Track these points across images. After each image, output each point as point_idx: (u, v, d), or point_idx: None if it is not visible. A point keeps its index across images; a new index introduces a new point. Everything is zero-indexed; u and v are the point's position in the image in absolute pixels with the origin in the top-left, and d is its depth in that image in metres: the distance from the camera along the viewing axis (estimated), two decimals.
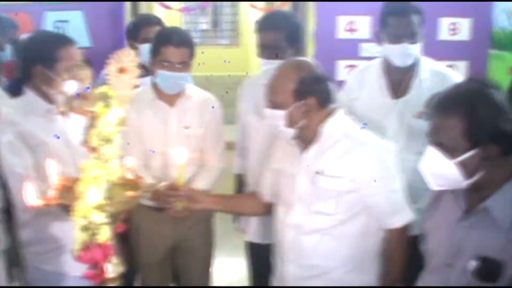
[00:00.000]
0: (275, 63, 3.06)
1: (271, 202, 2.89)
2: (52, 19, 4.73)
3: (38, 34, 3.06)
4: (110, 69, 1.75)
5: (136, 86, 1.81)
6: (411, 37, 3.14)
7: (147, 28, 4.10)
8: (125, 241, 3.15)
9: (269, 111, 2.61)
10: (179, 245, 3.39)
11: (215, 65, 10.43)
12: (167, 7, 5.38)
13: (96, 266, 1.74)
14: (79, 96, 1.79)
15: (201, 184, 3.21)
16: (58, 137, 2.64)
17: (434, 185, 2.21)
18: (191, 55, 3.17)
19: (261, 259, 3.25)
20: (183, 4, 9.84)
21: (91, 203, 1.67)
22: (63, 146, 2.69)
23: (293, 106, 2.53)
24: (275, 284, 2.87)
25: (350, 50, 4.81)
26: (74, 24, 4.75)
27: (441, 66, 3.41)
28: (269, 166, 2.90)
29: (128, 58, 1.74)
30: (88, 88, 1.79)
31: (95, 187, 1.68)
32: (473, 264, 2.07)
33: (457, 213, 2.20)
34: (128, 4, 5.04)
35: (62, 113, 2.73)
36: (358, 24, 4.80)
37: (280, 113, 2.55)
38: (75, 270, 2.76)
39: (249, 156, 3.42)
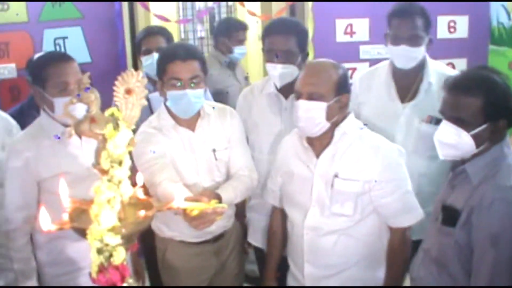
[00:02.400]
0: (286, 68, 3.09)
1: (280, 207, 2.98)
2: (51, 37, 4.72)
3: (38, 56, 3.02)
4: (117, 90, 1.75)
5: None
6: (412, 40, 3.14)
7: (147, 39, 4.04)
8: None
9: (306, 103, 2.63)
10: (217, 275, 3.20)
11: None
12: (166, 20, 5.36)
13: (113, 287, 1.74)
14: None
15: (230, 195, 2.87)
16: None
17: (443, 155, 2.53)
18: (203, 68, 2.91)
19: None
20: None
21: (106, 225, 1.67)
22: (78, 168, 2.68)
23: (334, 100, 2.63)
24: (291, 283, 2.95)
25: (350, 53, 4.81)
26: (73, 40, 4.74)
27: (447, 68, 3.43)
28: (278, 170, 2.93)
29: (135, 79, 1.75)
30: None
31: (108, 209, 1.68)
32: (440, 213, 2.51)
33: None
34: (126, 18, 5.03)
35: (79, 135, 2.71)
36: (356, 27, 4.80)
37: (321, 105, 2.62)
38: None
39: None
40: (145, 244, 3.13)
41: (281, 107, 3.23)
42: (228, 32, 5.01)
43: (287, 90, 3.19)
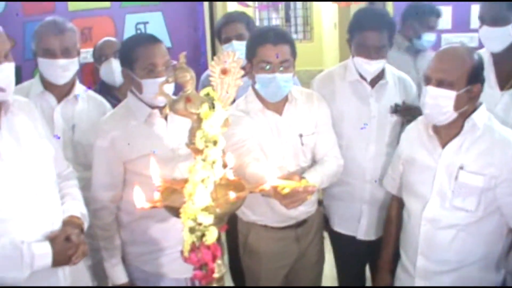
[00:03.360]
0: (380, 63, 3.06)
1: (398, 195, 2.94)
2: (133, 21, 4.79)
3: (127, 38, 3.06)
4: (213, 70, 1.76)
5: None
6: (493, 20, 3.03)
7: (226, 27, 4.00)
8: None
9: (435, 90, 2.56)
10: (297, 262, 3.18)
11: None
12: (245, 5, 5.38)
13: (204, 267, 1.75)
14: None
15: (316, 179, 2.78)
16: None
17: None
18: (293, 53, 2.86)
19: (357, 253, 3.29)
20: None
21: (200, 205, 1.68)
22: (163, 150, 2.71)
23: (464, 89, 2.53)
24: (401, 275, 2.89)
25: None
26: (154, 25, 4.81)
27: None
28: (399, 157, 2.89)
29: (231, 59, 1.74)
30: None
31: (202, 189, 1.69)
32: None
33: None
34: (206, 4, 5.05)
35: (165, 117, 2.77)
36: None
37: (449, 94, 2.54)
38: (174, 272, 2.85)
39: None
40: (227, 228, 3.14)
41: (367, 94, 3.17)
42: (419, 16, 4.54)
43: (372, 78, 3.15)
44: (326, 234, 3.45)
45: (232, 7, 8.24)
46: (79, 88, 3.25)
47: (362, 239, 3.31)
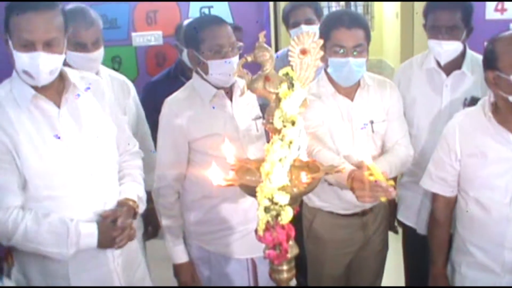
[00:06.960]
0: (451, 44, 2.98)
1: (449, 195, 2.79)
2: (197, 6, 4.82)
3: (192, 20, 3.07)
4: (293, 50, 1.75)
5: None
6: None
7: (294, 11, 3.98)
8: None
9: None
10: (361, 250, 3.15)
11: None
12: None
13: (278, 246, 1.74)
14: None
15: (385, 168, 2.62)
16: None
17: None
18: (367, 37, 2.80)
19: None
20: None
21: (277, 184, 1.68)
22: (228, 130, 2.73)
23: None
24: (470, 274, 2.74)
25: (499, 31, 4.59)
26: (219, 9, 4.83)
27: None
28: (455, 155, 2.69)
29: (310, 40, 1.74)
30: None
31: (280, 168, 1.68)
32: None
33: None
34: None
35: (230, 98, 2.80)
36: (509, 3, 4.57)
37: None
38: (236, 252, 2.88)
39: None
40: None
41: (442, 84, 3.11)
42: None
43: (448, 66, 3.08)
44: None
45: None
46: (103, 69, 3.25)
47: (422, 233, 3.22)
